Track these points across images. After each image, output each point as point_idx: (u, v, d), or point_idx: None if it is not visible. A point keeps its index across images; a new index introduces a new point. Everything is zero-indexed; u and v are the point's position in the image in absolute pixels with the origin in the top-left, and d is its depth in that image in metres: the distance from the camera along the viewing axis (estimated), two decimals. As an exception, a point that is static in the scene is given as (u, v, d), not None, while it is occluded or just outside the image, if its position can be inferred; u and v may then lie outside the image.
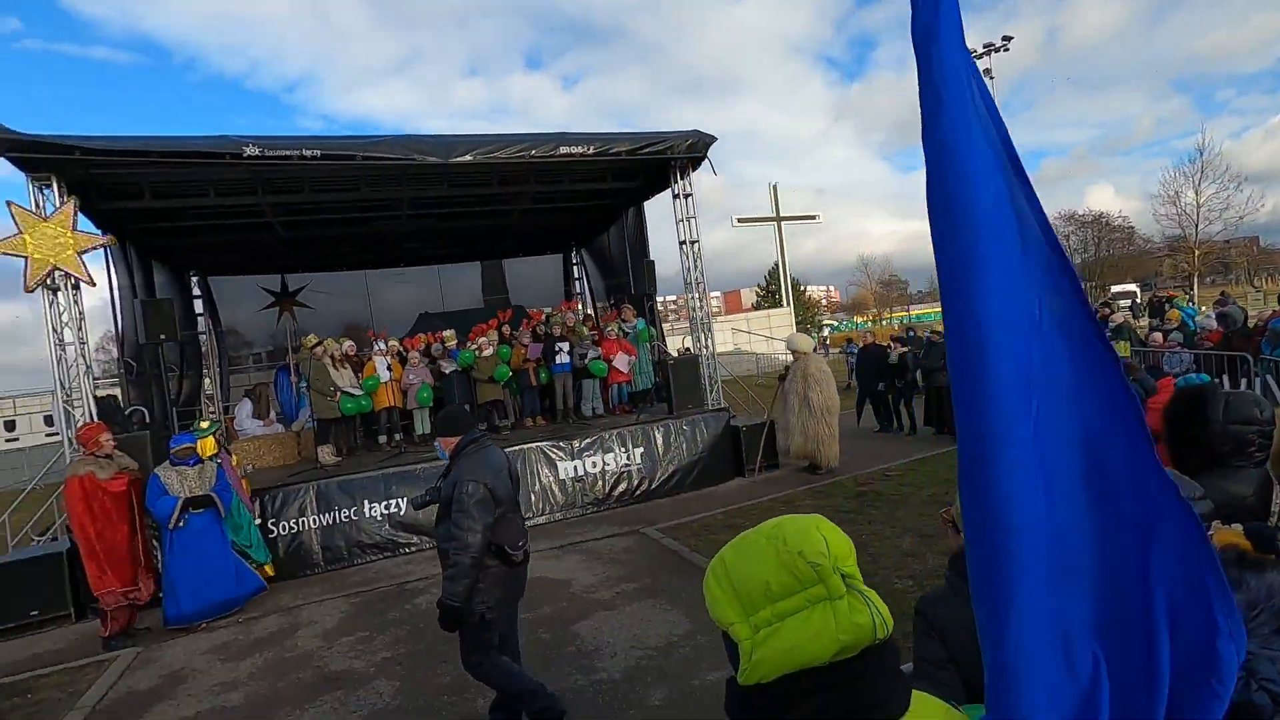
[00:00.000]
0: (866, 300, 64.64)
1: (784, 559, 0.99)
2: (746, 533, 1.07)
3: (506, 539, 3.43)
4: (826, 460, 8.94)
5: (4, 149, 6.43)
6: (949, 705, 1.07)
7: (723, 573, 1.05)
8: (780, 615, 0.99)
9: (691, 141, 9.16)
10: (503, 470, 3.55)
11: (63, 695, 4.99)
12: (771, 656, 0.98)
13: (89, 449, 5.95)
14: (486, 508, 3.32)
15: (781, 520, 1.05)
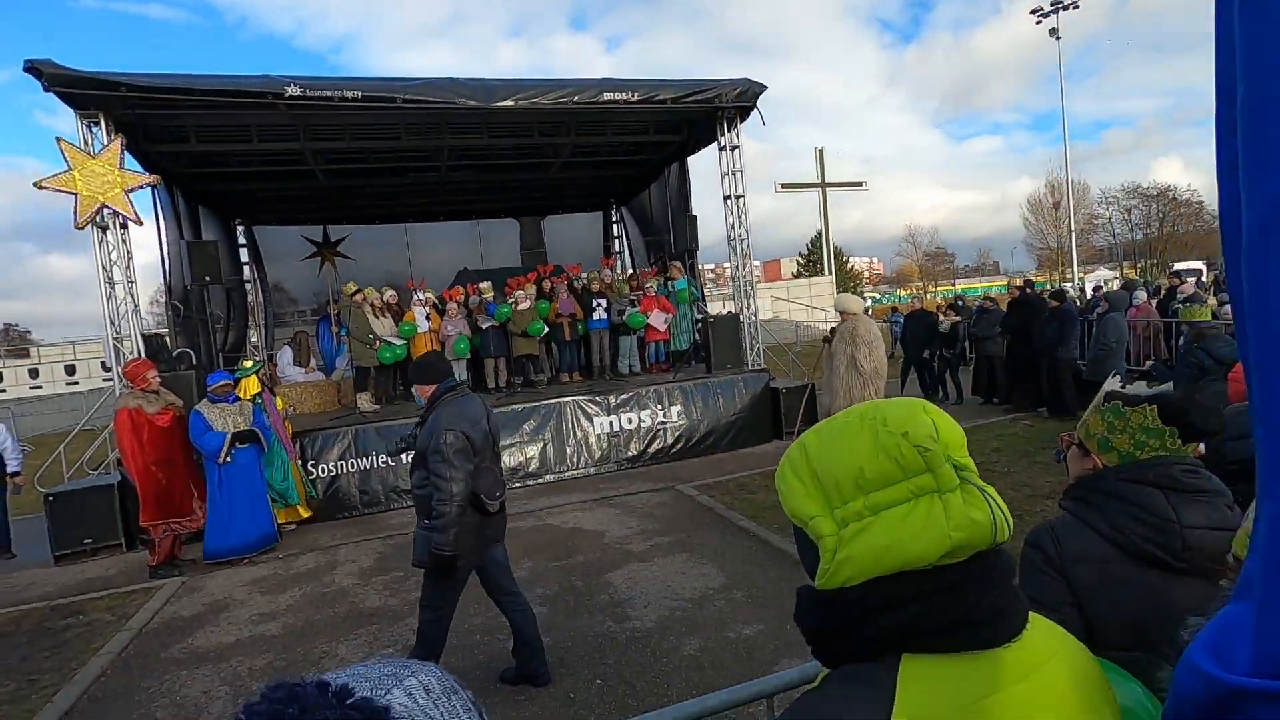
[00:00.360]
0: (911, 273, 62.96)
1: (884, 442, 0.82)
2: (834, 416, 0.91)
3: (484, 488, 3.39)
4: None
5: (54, 83, 6.46)
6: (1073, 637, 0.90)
7: (802, 459, 0.88)
8: (875, 508, 0.82)
9: (741, 90, 8.79)
10: (481, 420, 3.48)
11: (112, 618, 5.15)
12: (862, 555, 0.82)
13: (136, 385, 6.06)
14: (466, 456, 3.29)
15: (878, 401, 0.89)
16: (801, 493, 0.87)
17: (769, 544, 5.34)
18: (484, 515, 3.42)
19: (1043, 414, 9.16)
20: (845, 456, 0.84)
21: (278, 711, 0.44)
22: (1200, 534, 1.39)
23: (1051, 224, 47.40)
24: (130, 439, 5.85)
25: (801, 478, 0.88)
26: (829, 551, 0.84)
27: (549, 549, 5.72)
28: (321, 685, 0.47)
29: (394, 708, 0.48)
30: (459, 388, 3.56)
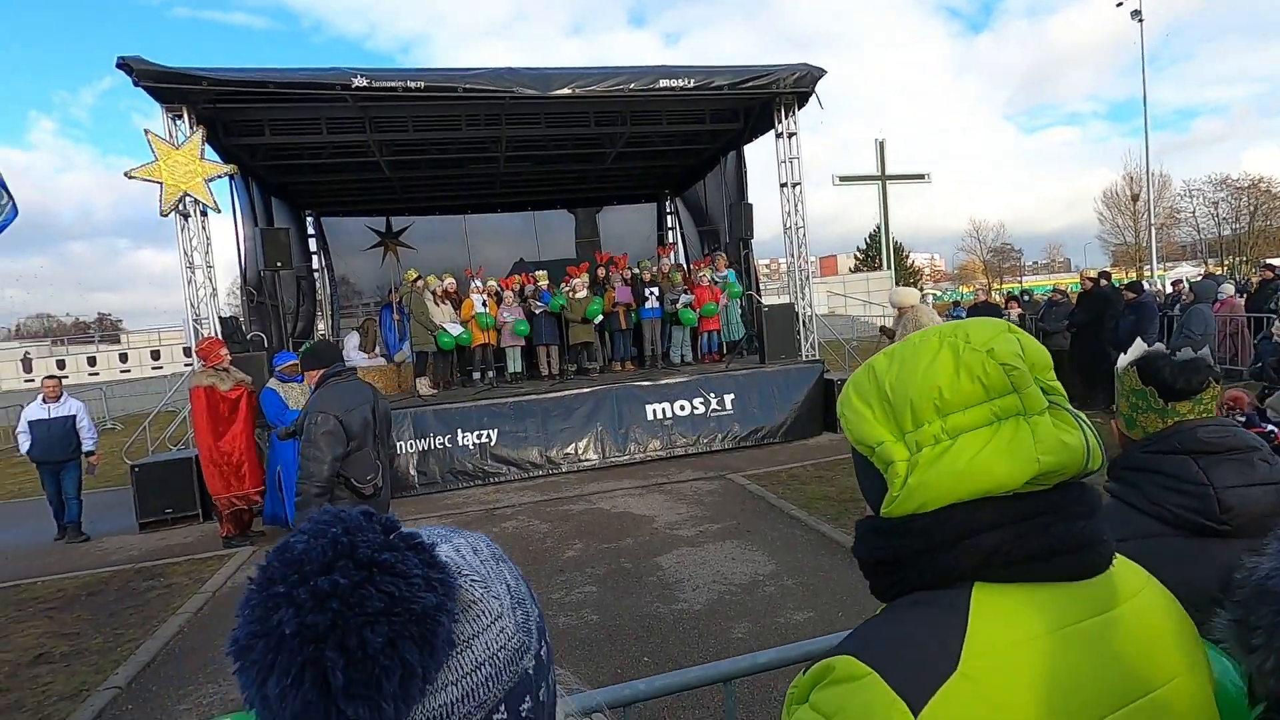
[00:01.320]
0: (975, 269, 60.69)
1: (966, 360, 0.77)
2: (907, 338, 0.86)
3: (355, 472, 3.41)
4: None
5: (142, 78, 6.86)
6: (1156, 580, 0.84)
7: (869, 382, 0.84)
8: (954, 431, 0.77)
9: (799, 75, 8.64)
10: (361, 405, 3.50)
11: (189, 581, 5.46)
12: (939, 479, 0.76)
13: (209, 362, 6.38)
14: (335, 440, 3.33)
15: (959, 321, 0.83)
16: (869, 416, 0.83)
17: (821, 533, 5.25)
18: (360, 497, 3.46)
19: (1115, 411, 8.71)
20: (921, 377, 0.79)
21: (323, 530, 0.45)
22: (1238, 493, 1.33)
23: (1130, 218, 44.90)
24: (203, 416, 6.17)
25: (869, 401, 0.84)
26: (899, 477, 0.80)
27: (599, 532, 5.77)
28: (367, 514, 0.48)
29: (441, 553, 0.49)
30: (344, 372, 3.64)
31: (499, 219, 14.19)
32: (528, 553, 5.42)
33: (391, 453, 3.85)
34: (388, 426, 3.76)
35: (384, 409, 3.71)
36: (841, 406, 0.90)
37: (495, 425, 7.98)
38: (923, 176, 35.43)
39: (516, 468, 8.00)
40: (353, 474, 3.42)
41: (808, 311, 9.55)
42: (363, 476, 3.44)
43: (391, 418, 3.88)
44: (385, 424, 3.71)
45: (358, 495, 3.44)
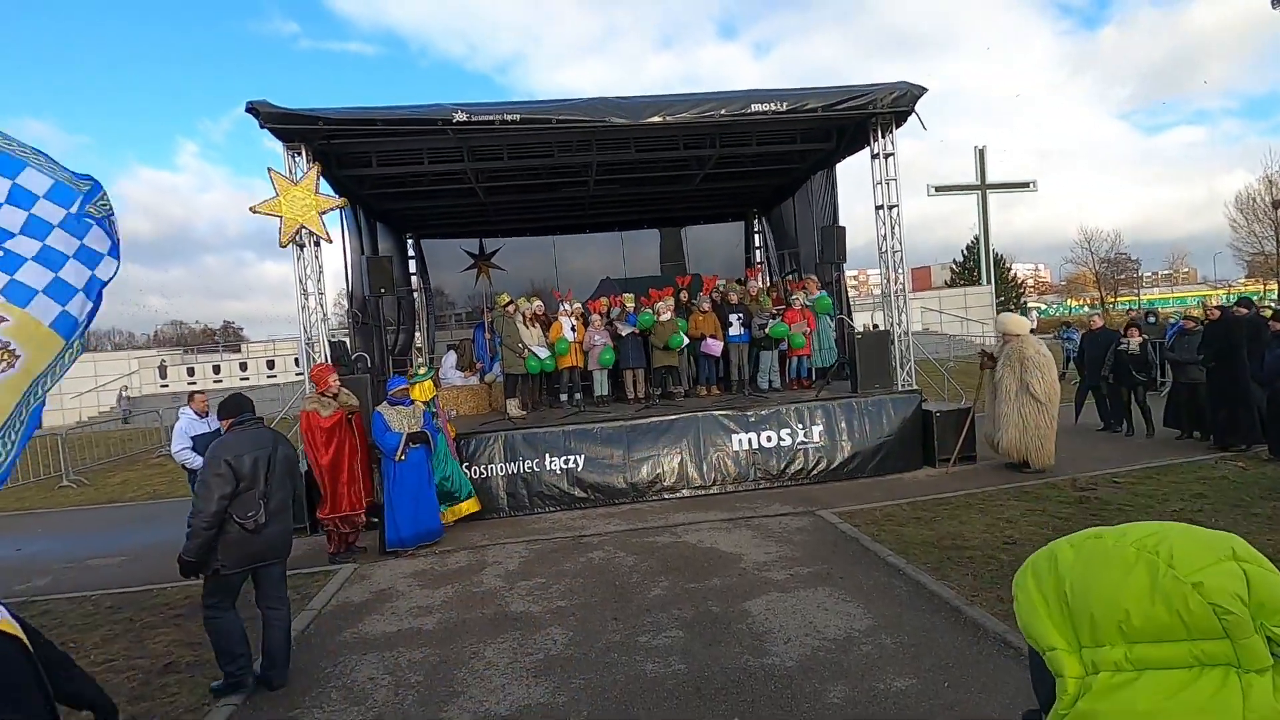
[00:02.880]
0: (1085, 281, 56.49)
1: (1165, 587, 0.66)
2: (1103, 530, 0.75)
3: (238, 510, 3.90)
4: (1043, 459, 7.82)
5: (267, 120, 7.42)
6: None
7: (1052, 574, 0.74)
8: (1141, 663, 0.67)
9: (897, 95, 8.31)
10: (256, 451, 4.00)
11: (297, 597, 5.75)
12: (1113, 715, 0.67)
13: (319, 388, 6.76)
14: (223, 481, 3.85)
15: (1171, 527, 0.71)
16: (1044, 614, 0.74)
17: (921, 585, 4.95)
18: (245, 531, 3.93)
19: (1261, 454, 7.83)
20: (1107, 590, 0.69)
21: None
22: None
23: (1269, 226, 40.64)
24: (309, 438, 6.56)
25: (1046, 595, 0.74)
26: (1067, 695, 0.70)
27: (685, 569, 5.69)
28: None
29: None
30: (248, 423, 4.19)
31: (586, 237, 14.45)
32: (614, 587, 5.41)
33: (297, 493, 4.55)
34: (287, 470, 4.22)
35: (283, 455, 4.19)
36: (1016, 587, 0.80)
37: (582, 451, 8.06)
38: (1027, 185, 33.45)
39: (602, 494, 8.04)
40: (236, 512, 3.91)
41: (904, 339, 9.13)
42: (244, 514, 3.94)
43: (294, 463, 4.36)
44: (284, 468, 4.18)
45: (242, 529, 3.95)
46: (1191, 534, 0.69)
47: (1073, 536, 0.76)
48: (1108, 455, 8.63)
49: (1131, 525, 0.74)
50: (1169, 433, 9.39)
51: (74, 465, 13.92)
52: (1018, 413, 7.84)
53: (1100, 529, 0.75)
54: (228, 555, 3.92)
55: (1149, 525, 0.72)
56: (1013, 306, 41.14)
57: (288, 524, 4.24)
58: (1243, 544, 0.68)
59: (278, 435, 4.29)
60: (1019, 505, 6.74)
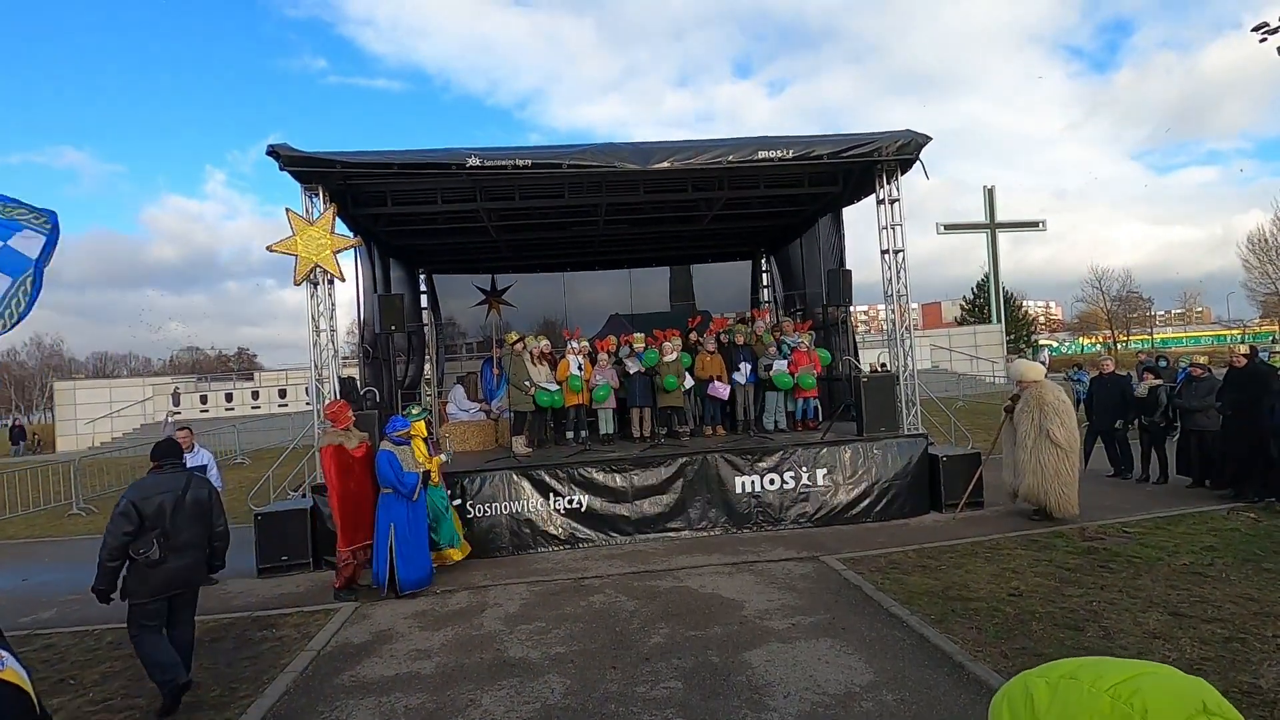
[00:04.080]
0: (1097, 319, 56.25)
1: None
2: (1077, 667, 0.75)
3: (136, 547, 4.39)
4: (1066, 507, 7.66)
5: (287, 163, 7.65)
6: None
7: (1027, 711, 0.75)
8: None
9: (902, 143, 8.46)
10: (164, 494, 4.52)
11: (298, 636, 5.78)
12: None
13: (337, 424, 6.84)
14: (126, 519, 4.38)
15: (1141, 671, 0.71)
16: None
17: (924, 639, 4.89)
18: (149, 565, 4.42)
19: (1274, 505, 7.72)
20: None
21: None
22: None
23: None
24: (335, 473, 6.58)
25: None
26: None
27: (686, 615, 5.65)
28: None
29: None
30: (165, 466, 4.73)
31: (596, 275, 14.62)
32: (614, 634, 5.37)
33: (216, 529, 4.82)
34: (200, 511, 4.69)
35: (193, 497, 4.66)
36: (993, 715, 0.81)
37: (586, 490, 8.06)
38: (1037, 224, 33.64)
39: (605, 534, 8.03)
40: (134, 549, 4.40)
41: (910, 382, 9.14)
42: (139, 551, 4.39)
43: (206, 504, 4.76)
44: (193, 509, 4.65)
45: (144, 563, 4.43)
46: (1163, 682, 0.69)
47: (1049, 670, 0.76)
48: (1118, 503, 8.53)
49: (1107, 665, 0.73)
50: (1181, 480, 9.28)
51: (85, 493, 14.02)
52: (1036, 460, 7.72)
53: (1077, 665, 0.75)
54: (138, 585, 4.47)
55: (1125, 668, 0.71)
56: (1024, 345, 40.95)
57: (197, 559, 4.70)
58: (1213, 695, 0.69)
59: (193, 478, 4.80)
60: (1026, 554, 6.66)
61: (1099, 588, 5.64)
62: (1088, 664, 0.74)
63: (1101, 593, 5.53)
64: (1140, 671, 0.70)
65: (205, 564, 4.80)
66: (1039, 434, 7.72)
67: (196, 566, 4.71)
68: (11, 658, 2.03)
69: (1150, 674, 0.69)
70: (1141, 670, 0.71)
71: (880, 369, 9.84)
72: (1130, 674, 0.70)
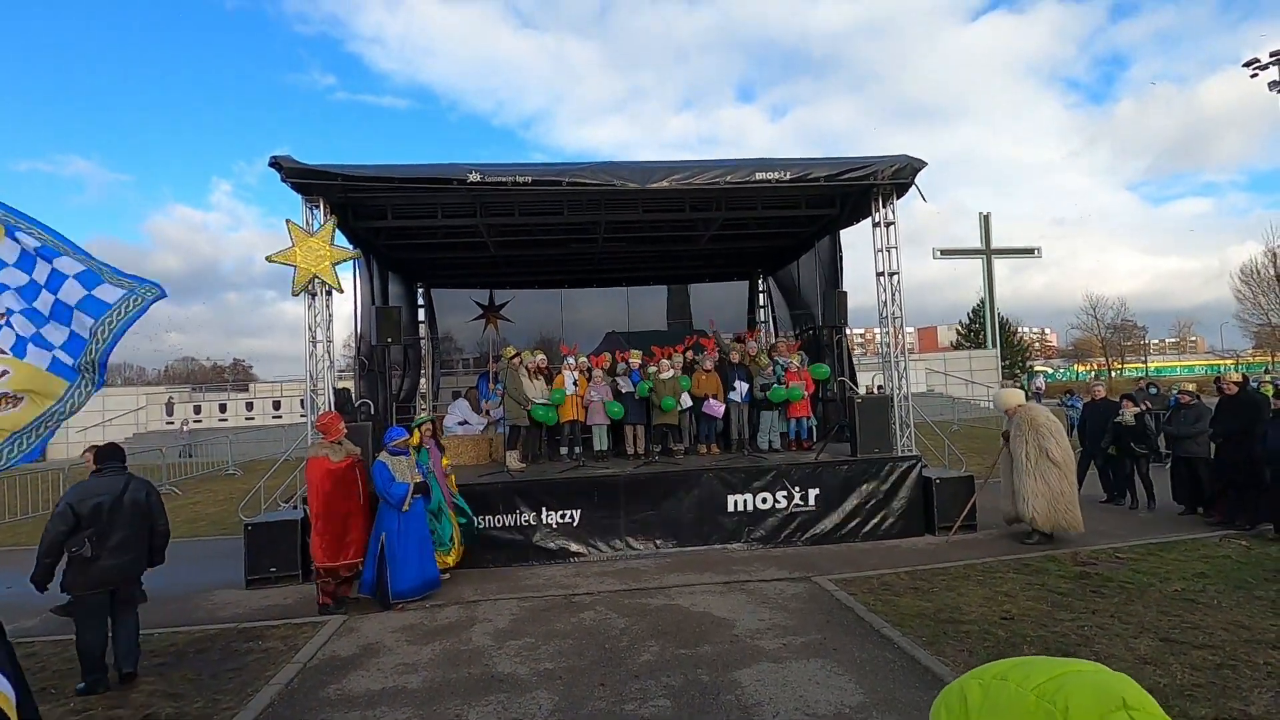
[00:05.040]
0: (1091, 347, 56.56)
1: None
2: (1009, 668, 0.76)
3: (69, 543, 4.75)
4: (1075, 523, 7.66)
5: (289, 175, 7.71)
6: None
7: (960, 710, 0.78)
8: None
9: (898, 167, 8.57)
10: (102, 495, 4.87)
11: (284, 648, 5.72)
12: None
13: (328, 436, 6.82)
14: (62, 519, 4.75)
15: (1067, 670, 0.73)
16: None
17: (915, 660, 4.87)
18: (83, 560, 4.77)
19: (1266, 532, 7.73)
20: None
21: None
22: None
23: (1274, 298, 40.81)
24: (318, 485, 6.55)
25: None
26: None
27: (677, 634, 5.61)
28: None
29: None
30: (105, 469, 5.05)
31: (594, 292, 14.69)
32: (604, 650, 5.33)
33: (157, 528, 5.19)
34: (139, 512, 5.04)
35: (133, 499, 5.02)
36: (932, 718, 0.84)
37: (579, 506, 8.04)
38: (1032, 251, 33.93)
39: (597, 550, 7.99)
40: (68, 546, 4.76)
41: (905, 404, 9.17)
42: (71, 548, 4.75)
43: (146, 505, 5.11)
44: (133, 510, 5.00)
45: (80, 559, 4.79)
46: (1086, 680, 0.71)
47: (983, 672, 0.78)
48: (1111, 529, 8.52)
49: (1036, 664, 0.75)
50: (1173, 507, 9.29)
51: (73, 501, 13.86)
52: (1041, 481, 7.65)
53: (1009, 666, 0.77)
54: (75, 579, 4.83)
55: (1051, 667, 0.73)
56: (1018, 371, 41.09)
57: (135, 557, 5.05)
58: (1134, 690, 0.70)
59: (133, 480, 5.12)
60: (1018, 578, 6.64)
61: (1090, 612, 5.63)
62: (1020, 664, 0.76)
63: (1093, 617, 5.51)
64: (1066, 670, 0.72)
65: (144, 561, 5.18)
66: (1039, 454, 7.71)
67: (134, 564, 5.08)
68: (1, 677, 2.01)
69: (1075, 672, 0.71)
70: (1067, 669, 0.72)
71: (877, 391, 9.87)
72: (1056, 673, 0.72)
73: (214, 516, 12.83)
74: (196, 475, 19.01)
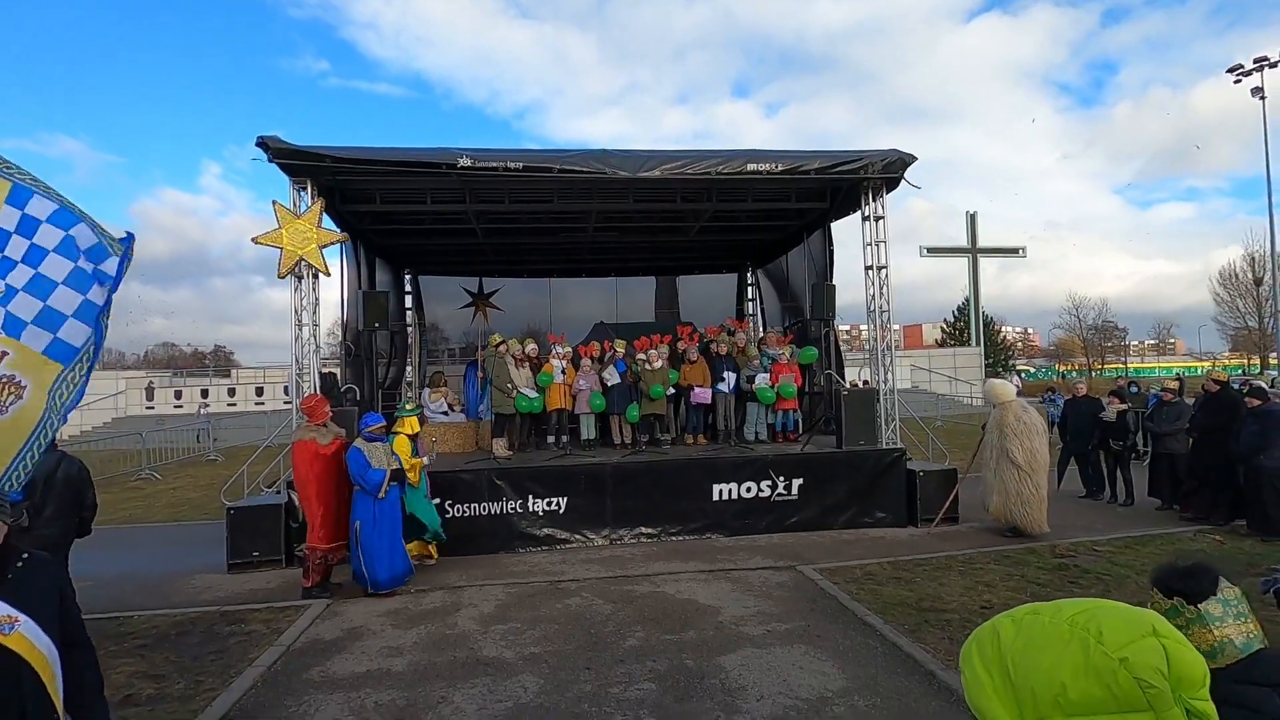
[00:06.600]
0: (1073, 347, 57.33)
1: (1096, 662, 0.71)
2: (1039, 605, 0.80)
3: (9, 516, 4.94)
4: (1032, 525, 7.81)
5: (276, 155, 7.61)
6: None
7: (995, 651, 0.79)
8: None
9: (888, 161, 8.62)
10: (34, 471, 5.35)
11: (267, 631, 5.68)
12: None
13: (313, 419, 6.76)
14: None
15: (1100, 604, 0.76)
16: (990, 690, 0.78)
17: (898, 647, 4.93)
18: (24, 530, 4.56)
19: (1240, 528, 7.89)
20: (1046, 666, 0.73)
21: None
22: None
23: (1251, 302, 41.57)
24: (306, 468, 6.49)
25: (991, 671, 0.79)
26: None
27: (663, 620, 5.64)
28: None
29: None
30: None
31: (582, 281, 14.65)
32: (590, 635, 5.35)
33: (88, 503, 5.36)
34: (70, 486, 5.19)
35: (66, 474, 5.19)
36: (963, 662, 0.85)
37: (566, 493, 8.05)
38: (1017, 251, 34.27)
39: (583, 538, 8.00)
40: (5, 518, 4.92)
41: (890, 397, 9.24)
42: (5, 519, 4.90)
43: (78, 480, 5.27)
44: (65, 484, 5.16)
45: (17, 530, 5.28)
46: (1118, 611, 0.74)
47: (1014, 612, 0.80)
48: (1090, 523, 8.66)
49: (1066, 602, 0.78)
50: (1151, 502, 9.46)
51: (50, 485, 13.66)
52: (999, 479, 7.92)
53: (1039, 604, 0.80)
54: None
55: (1081, 602, 0.77)
56: (1001, 370, 41.56)
57: (65, 528, 5.18)
58: (1162, 620, 0.74)
59: (65, 458, 5.31)
60: (999, 570, 6.74)
61: (1069, 602, 5.72)
62: (1048, 603, 0.79)
63: (1071, 607, 5.61)
64: (1096, 604, 0.76)
65: (73, 533, 5.30)
66: (1000, 454, 7.91)
67: (64, 534, 5.24)
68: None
69: (1105, 605, 0.75)
70: (1097, 603, 0.76)
71: (864, 384, 9.95)
72: (1087, 606, 0.76)
73: (196, 502, 12.71)
74: (177, 460, 18.78)
